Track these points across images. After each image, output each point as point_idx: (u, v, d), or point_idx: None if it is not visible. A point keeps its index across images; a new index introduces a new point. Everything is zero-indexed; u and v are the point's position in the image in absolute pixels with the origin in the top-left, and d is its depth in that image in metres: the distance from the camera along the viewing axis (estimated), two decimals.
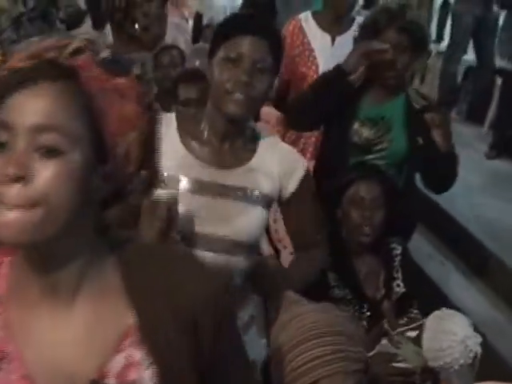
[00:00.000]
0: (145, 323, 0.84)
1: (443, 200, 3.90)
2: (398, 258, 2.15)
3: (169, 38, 5.16)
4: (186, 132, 1.55)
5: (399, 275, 2.12)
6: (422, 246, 3.57)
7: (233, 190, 1.51)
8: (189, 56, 4.48)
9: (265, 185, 1.55)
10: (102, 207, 0.84)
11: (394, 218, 2.12)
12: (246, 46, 1.46)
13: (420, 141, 2.29)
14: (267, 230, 2.86)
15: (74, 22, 3.52)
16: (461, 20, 5.17)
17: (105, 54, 0.97)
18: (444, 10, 6.00)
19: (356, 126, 2.28)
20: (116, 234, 0.89)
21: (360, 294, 2.07)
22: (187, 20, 4.79)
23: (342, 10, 2.85)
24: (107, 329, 0.85)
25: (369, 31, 2.24)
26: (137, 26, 3.39)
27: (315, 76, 2.84)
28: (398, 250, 2.16)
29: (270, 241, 2.85)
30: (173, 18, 4.61)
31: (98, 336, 0.84)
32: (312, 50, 2.89)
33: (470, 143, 4.96)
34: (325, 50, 2.87)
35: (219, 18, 4.50)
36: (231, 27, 1.51)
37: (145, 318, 0.84)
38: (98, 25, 3.54)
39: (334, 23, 2.87)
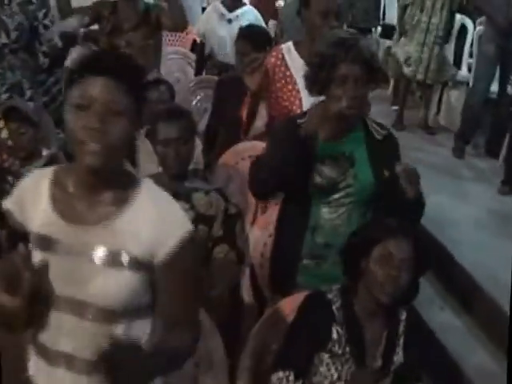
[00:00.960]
0: None
1: (447, 239, 3.69)
2: (402, 324, 2.01)
3: (174, 67, 5.13)
4: (59, 186, 1.43)
5: (400, 343, 1.99)
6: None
7: (94, 250, 1.37)
8: (192, 88, 4.41)
9: (132, 246, 1.38)
10: None
11: None
12: (96, 88, 1.31)
13: (386, 173, 2.17)
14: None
15: (55, 56, 3.46)
16: (483, 51, 4.95)
17: None
18: (461, 37, 5.81)
19: (317, 166, 2.17)
20: None
21: (360, 355, 1.94)
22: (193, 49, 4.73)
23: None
24: None
25: (324, 64, 2.12)
26: None
27: (299, 111, 2.71)
28: (403, 315, 2.02)
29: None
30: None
31: None
32: (295, 83, 2.73)
33: (485, 178, 4.75)
34: None
35: (219, 48, 4.41)
36: (80, 69, 1.36)
37: None
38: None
39: None
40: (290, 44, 2.83)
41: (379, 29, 6.67)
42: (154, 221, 1.39)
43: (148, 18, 3.41)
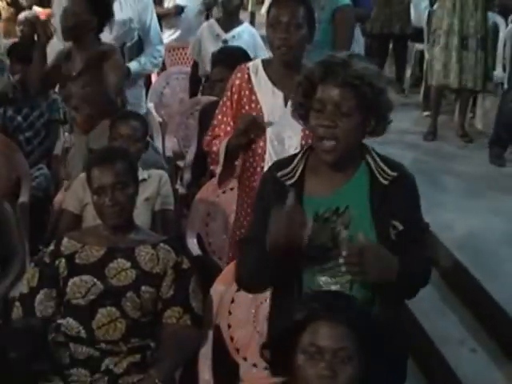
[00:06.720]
0: None
1: (481, 267, 3.15)
2: None
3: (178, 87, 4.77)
4: None
5: None
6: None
7: None
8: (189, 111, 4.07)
9: None
10: None
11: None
12: None
13: (392, 235, 1.66)
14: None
15: None
16: None
17: None
18: (494, 36, 5.28)
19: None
20: None
21: None
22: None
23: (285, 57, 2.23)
24: None
25: (303, 88, 1.70)
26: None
27: (262, 144, 2.26)
28: None
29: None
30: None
31: None
32: (260, 111, 2.28)
33: None
34: (275, 112, 2.26)
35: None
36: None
37: None
38: None
39: (285, 76, 2.24)
40: (258, 62, 2.38)
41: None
42: None
43: (93, 63, 2.95)
